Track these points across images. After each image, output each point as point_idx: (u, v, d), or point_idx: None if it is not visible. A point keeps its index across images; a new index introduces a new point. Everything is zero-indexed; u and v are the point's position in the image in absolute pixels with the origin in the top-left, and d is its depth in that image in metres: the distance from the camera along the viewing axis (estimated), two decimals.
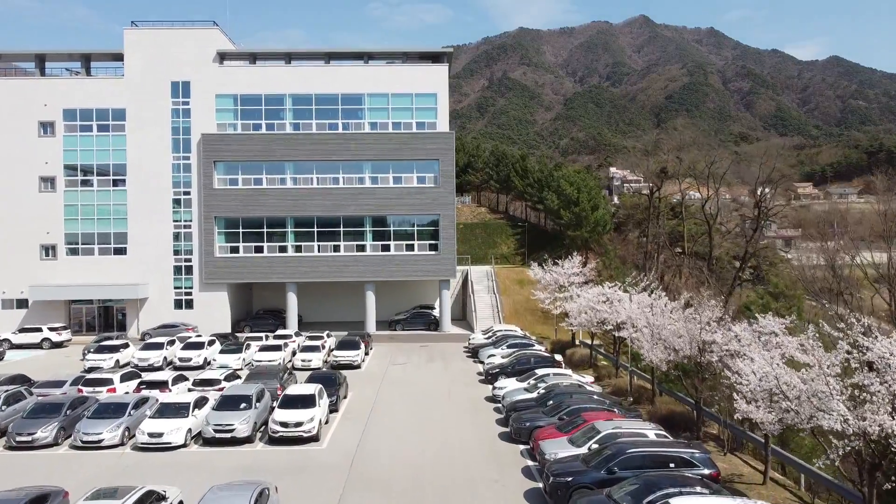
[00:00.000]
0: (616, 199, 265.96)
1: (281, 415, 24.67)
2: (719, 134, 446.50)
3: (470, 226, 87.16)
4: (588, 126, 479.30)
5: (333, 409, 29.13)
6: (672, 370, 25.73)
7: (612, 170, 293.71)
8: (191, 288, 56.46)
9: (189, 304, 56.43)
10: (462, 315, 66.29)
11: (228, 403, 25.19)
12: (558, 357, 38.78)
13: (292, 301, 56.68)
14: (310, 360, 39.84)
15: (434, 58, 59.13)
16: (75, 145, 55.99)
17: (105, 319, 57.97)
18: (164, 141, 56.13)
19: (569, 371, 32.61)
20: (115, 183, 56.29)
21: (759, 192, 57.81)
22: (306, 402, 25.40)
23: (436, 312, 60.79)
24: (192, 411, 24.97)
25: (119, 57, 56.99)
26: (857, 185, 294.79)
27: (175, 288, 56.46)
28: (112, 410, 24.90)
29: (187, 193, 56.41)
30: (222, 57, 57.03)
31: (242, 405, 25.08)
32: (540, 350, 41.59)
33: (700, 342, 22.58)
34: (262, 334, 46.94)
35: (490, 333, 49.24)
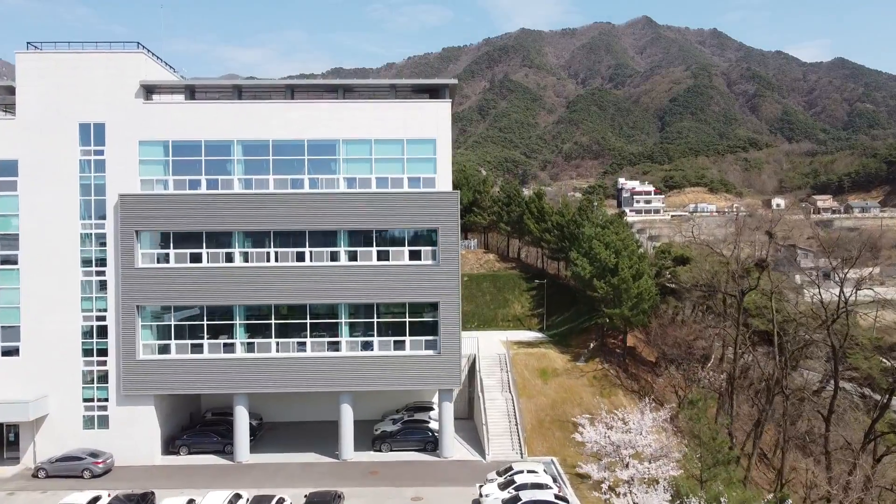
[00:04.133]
0: (627, 211, 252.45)
1: None
2: (725, 138, 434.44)
3: (476, 278, 72.86)
4: (591, 129, 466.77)
5: None
6: None
7: (621, 180, 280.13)
8: (106, 400, 42.11)
9: (103, 423, 42.09)
10: (468, 412, 51.94)
11: None
12: None
13: (242, 418, 42.38)
14: None
15: (432, 91, 44.81)
16: None
17: None
18: (69, 203, 41.83)
19: None
20: (4, 261, 41.95)
21: None
22: None
23: (434, 419, 46.66)
24: None
25: (13, 91, 42.64)
26: (877, 195, 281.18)
27: (85, 401, 42.12)
28: None
29: (101, 274, 42.06)
30: (149, 91, 42.68)
31: None
32: None
33: None
34: (185, 500, 32.50)
35: (509, 486, 34.97)
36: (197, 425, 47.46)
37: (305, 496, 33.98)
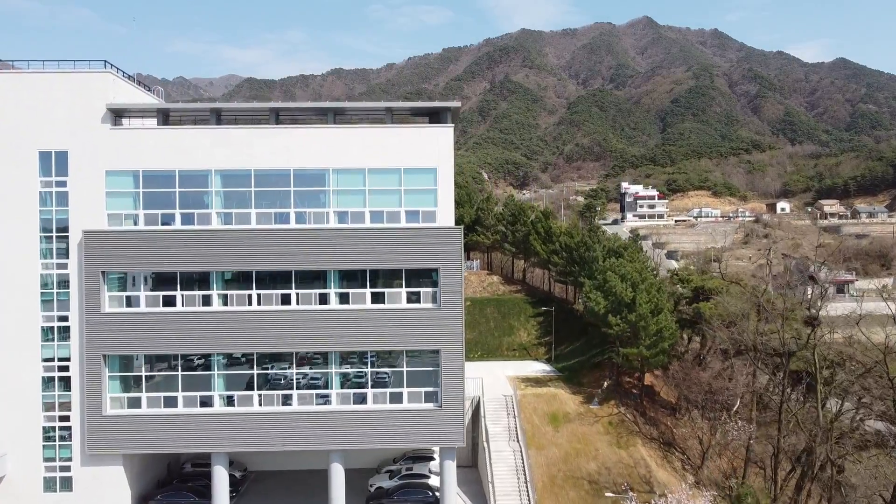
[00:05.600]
0: (630, 216, 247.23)
1: None
2: (727, 139, 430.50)
3: (479, 302, 68.63)
4: (592, 131, 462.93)
5: None
6: None
7: (624, 184, 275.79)
8: (69, 460, 37.81)
9: (66, 485, 37.80)
10: (471, 460, 47.74)
11: None
12: None
13: (221, 479, 38.06)
14: None
15: (432, 115, 40.54)
16: None
17: None
18: (28, 240, 37.53)
19: None
20: None
21: None
22: None
23: (434, 471, 42.51)
24: None
25: None
26: (884, 199, 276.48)
27: (46, 461, 37.82)
28: None
29: (63, 319, 37.76)
30: (117, 115, 38.37)
31: None
32: None
33: None
34: None
35: None
36: (174, 480, 43.28)
37: None
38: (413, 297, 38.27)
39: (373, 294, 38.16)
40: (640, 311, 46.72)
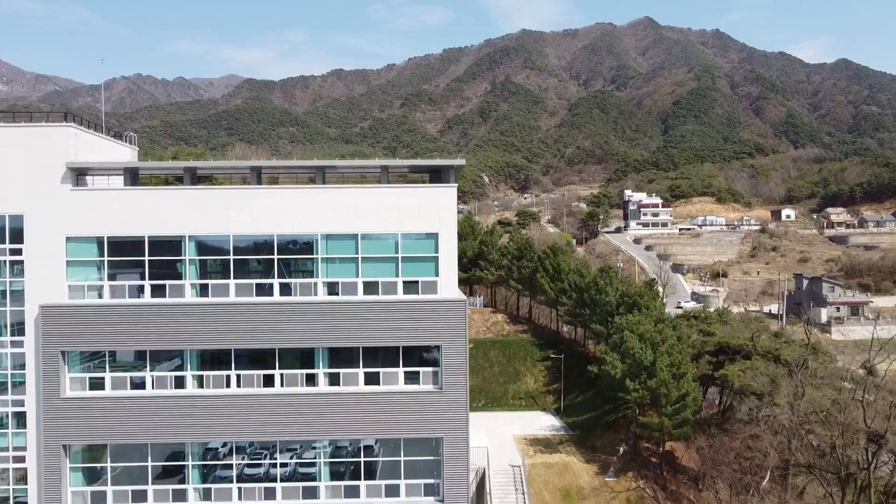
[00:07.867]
0: (634, 224, 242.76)
1: None
2: (729, 141, 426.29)
3: (483, 344, 64.51)
4: (594, 133, 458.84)
5: None
6: None
7: (628, 192, 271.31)
8: None
9: None
10: None
11: None
12: None
13: None
14: None
15: (433, 173, 36.39)
16: None
17: None
18: None
19: None
20: None
21: None
22: None
23: None
24: None
25: None
26: (890, 206, 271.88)
27: None
28: None
29: (18, 404, 33.58)
30: (80, 173, 34.18)
31: None
32: None
33: None
34: None
35: None
36: None
37: None
38: (412, 378, 34.15)
39: (366, 375, 34.04)
40: (661, 377, 42.60)
